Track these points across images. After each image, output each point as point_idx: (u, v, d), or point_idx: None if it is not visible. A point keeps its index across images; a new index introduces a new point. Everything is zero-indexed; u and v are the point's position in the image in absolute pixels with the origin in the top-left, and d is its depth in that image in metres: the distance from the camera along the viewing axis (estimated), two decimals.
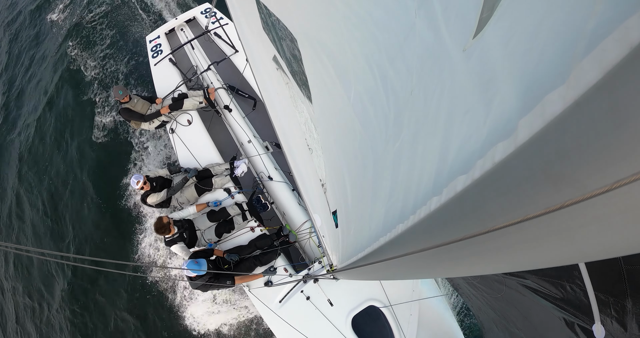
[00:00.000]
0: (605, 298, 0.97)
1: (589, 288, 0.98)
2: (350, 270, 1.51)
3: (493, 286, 1.71)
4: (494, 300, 1.79)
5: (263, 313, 3.88)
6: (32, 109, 8.51)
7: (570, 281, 1.05)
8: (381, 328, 3.72)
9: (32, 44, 9.84)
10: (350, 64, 1.17)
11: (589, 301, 1.00)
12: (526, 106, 0.35)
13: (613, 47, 0.22)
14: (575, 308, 1.09)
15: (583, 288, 1.00)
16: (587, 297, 1.00)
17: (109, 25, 8.53)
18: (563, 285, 1.09)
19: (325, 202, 2.13)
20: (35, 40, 9.87)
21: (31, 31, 10.08)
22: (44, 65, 9.02)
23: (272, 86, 2.56)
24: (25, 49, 9.93)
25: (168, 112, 4.83)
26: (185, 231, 3.99)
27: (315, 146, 2.13)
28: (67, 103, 7.85)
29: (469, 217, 0.46)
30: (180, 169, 4.57)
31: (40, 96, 8.47)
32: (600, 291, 0.97)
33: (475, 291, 2.08)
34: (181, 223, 4.02)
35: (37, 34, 9.93)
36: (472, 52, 0.56)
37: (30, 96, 8.86)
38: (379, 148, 1.06)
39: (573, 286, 1.05)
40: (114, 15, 8.63)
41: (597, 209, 0.28)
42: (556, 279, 1.12)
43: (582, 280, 0.99)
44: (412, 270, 0.90)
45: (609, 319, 0.98)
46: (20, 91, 9.22)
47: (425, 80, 0.75)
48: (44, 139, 7.77)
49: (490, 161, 0.38)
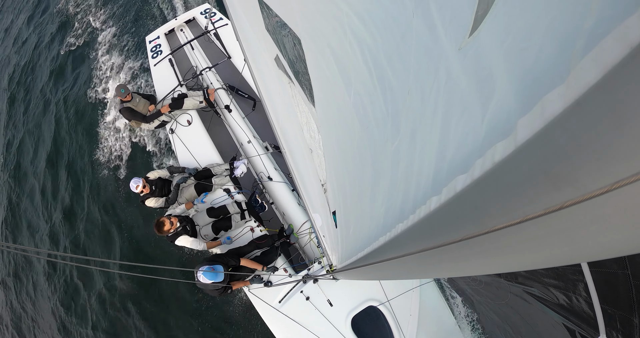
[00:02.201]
0: (612, 311, 0.95)
1: (595, 301, 0.97)
2: (350, 270, 1.50)
3: (498, 293, 1.69)
4: (497, 306, 1.78)
5: (263, 313, 3.88)
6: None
7: (577, 293, 1.03)
8: (381, 328, 3.72)
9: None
10: (351, 63, 1.16)
11: (595, 313, 0.99)
12: (525, 105, 0.35)
13: (613, 47, 0.22)
14: (580, 319, 1.07)
15: (589, 300, 0.98)
16: (593, 308, 0.99)
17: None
18: (569, 295, 1.07)
19: (325, 202, 2.13)
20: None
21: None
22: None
23: (274, 86, 2.55)
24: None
25: (168, 111, 4.81)
26: (188, 224, 3.95)
27: (315, 146, 2.12)
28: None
29: (468, 217, 0.46)
30: (180, 170, 4.54)
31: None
32: (607, 304, 0.95)
33: (479, 297, 2.07)
34: (182, 217, 3.99)
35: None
36: (467, 51, 0.56)
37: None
38: (377, 147, 1.06)
39: (579, 298, 1.03)
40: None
41: (597, 210, 0.28)
42: (562, 289, 1.10)
43: (588, 291, 0.97)
44: (411, 270, 0.90)
45: (614, 333, 0.96)
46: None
47: (421, 79, 0.75)
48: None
49: (490, 160, 0.38)
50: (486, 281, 1.79)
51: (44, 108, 8.54)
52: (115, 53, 8.08)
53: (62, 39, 9.39)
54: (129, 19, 8.60)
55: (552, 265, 0.41)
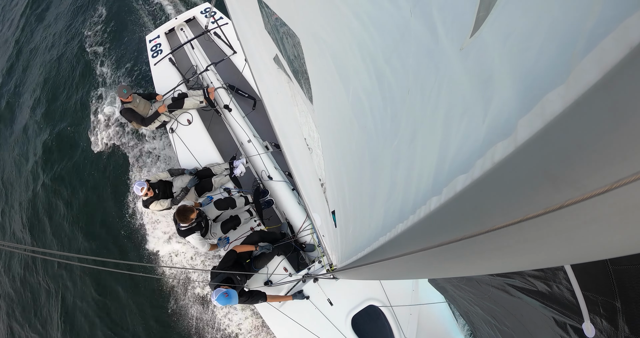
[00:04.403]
0: (594, 297, 0.96)
1: (576, 288, 0.98)
2: (350, 270, 1.51)
3: (479, 288, 1.70)
4: (481, 300, 1.79)
5: (263, 313, 3.89)
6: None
7: (557, 281, 1.05)
8: (381, 327, 3.73)
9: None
10: (350, 63, 1.17)
11: (577, 300, 1.00)
12: (525, 105, 0.35)
13: (612, 47, 0.22)
14: (564, 307, 1.08)
15: (570, 288, 1.00)
16: (575, 296, 1.00)
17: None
18: (549, 284, 1.09)
19: (324, 202, 2.13)
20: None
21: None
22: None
23: (273, 86, 2.55)
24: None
25: (166, 111, 4.80)
26: (203, 220, 3.92)
27: (315, 145, 2.13)
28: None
29: (468, 217, 0.46)
30: (180, 171, 4.54)
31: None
32: (588, 290, 0.97)
33: (462, 293, 2.08)
34: (200, 211, 3.94)
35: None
36: (469, 51, 0.56)
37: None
38: (376, 147, 1.06)
39: (560, 286, 1.05)
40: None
41: (596, 210, 0.28)
42: (542, 279, 1.11)
43: (569, 279, 0.99)
44: (411, 270, 0.90)
45: (598, 318, 0.97)
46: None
47: (421, 79, 0.75)
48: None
49: (489, 160, 0.38)
50: (467, 276, 1.80)
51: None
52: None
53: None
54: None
55: (552, 265, 0.41)
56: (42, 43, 9.60)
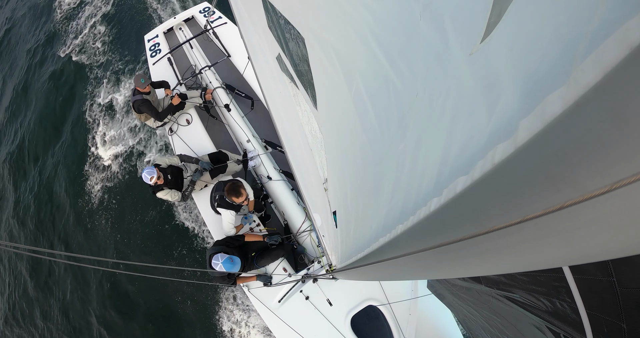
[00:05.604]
0: (598, 316, 0.94)
1: (580, 306, 0.96)
2: (350, 270, 1.51)
3: (480, 298, 1.69)
4: (481, 309, 1.77)
5: (262, 313, 3.88)
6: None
7: (560, 299, 1.03)
8: (380, 328, 3.71)
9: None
10: (354, 63, 1.17)
11: (580, 319, 0.98)
12: (527, 107, 0.35)
13: (613, 48, 0.22)
14: (566, 323, 1.06)
15: (573, 305, 0.98)
16: (578, 313, 0.98)
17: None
18: (552, 301, 1.07)
19: (325, 202, 2.13)
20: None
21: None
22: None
23: (275, 85, 2.56)
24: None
25: (178, 102, 4.68)
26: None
27: (317, 145, 2.13)
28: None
29: (468, 218, 0.46)
30: (194, 160, 4.35)
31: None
32: (593, 310, 0.94)
33: (460, 302, 2.06)
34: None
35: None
36: (478, 56, 0.57)
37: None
38: (380, 149, 1.06)
39: (563, 304, 1.03)
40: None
41: (596, 210, 0.28)
42: (545, 295, 1.09)
43: (572, 297, 0.96)
44: (411, 271, 0.91)
45: (602, 336, 0.96)
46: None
47: (431, 83, 0.75)
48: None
49: (490, 162, 0.39)
50: (466, 286, 1.78)
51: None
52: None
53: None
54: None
55: (552, 266, 0.42)
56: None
